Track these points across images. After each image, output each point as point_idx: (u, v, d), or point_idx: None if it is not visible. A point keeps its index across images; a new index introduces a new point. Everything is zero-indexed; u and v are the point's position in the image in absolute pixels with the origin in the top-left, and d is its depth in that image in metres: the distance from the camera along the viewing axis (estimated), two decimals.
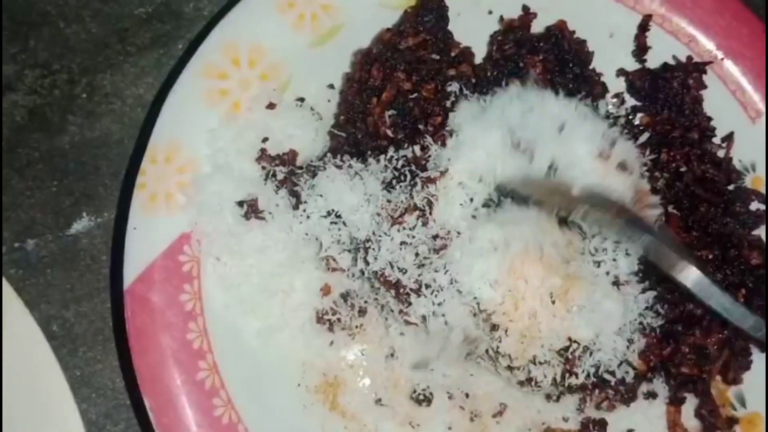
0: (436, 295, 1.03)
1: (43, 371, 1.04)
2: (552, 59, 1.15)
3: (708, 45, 1.22)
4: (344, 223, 1.09)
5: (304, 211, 1.10)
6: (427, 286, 1.03)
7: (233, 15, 1.13)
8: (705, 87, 1.21)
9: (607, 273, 1.04)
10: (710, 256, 1.11)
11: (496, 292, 1.01)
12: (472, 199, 1.06)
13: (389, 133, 1.10)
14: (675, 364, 1.09)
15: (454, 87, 1.12)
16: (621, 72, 1.25)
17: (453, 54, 1.16)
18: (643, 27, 1.23)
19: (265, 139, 1.14)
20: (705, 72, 1.20)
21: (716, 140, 1.21)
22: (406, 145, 1.09)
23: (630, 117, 1.23)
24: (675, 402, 1.11)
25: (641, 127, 1.20)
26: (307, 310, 1.13)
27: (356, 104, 1.12)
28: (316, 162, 1.12)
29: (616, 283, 1.04)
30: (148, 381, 1.03)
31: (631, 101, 1.25)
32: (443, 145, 1.07)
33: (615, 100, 1.24)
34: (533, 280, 1.01)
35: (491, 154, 1.06)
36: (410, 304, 1.04)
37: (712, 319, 1.08)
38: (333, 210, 1.09)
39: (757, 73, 1.21)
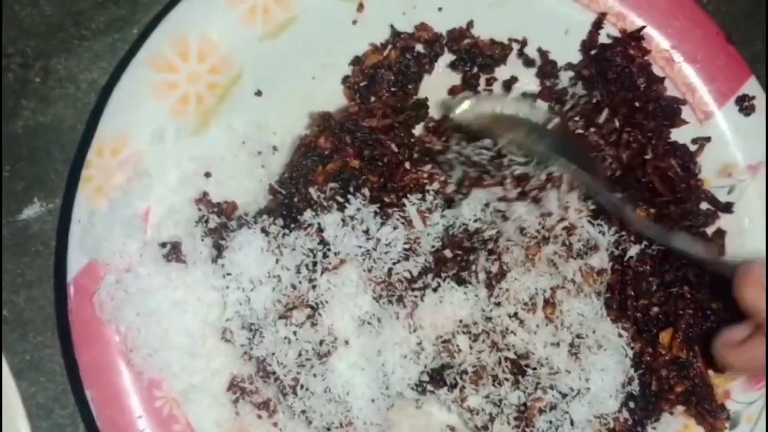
0: (309, 398, 1.01)
1: None
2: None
3: (663, 44, 1.22)
4: (248, 297, 1.05)
5: (222, 266, 1.05)
6: (302, 387, 1.01)
7: (182, 7, 1.12)
8: (648, 52, 1.21)
9: None
10: None
11: (379, 410, 1.02)
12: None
13: (324, 203, 1.06)
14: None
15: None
16: (569, 66, 1.25)
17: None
18: (597, 24, 1.23)
19: (207, 174, 1.11)
20: (643, 38, 1.21)
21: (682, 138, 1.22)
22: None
23: (586, 95, 1.22)
24: None
25: (602, 104, 1.20)
26: (225, 375, 1.07)
27: (303, 166, 1.09)
28: (250, 218, 1.08)
29: None
30: (91, 372, 1.04)
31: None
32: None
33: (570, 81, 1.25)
34: None
35: None
36: (285, 396, 1.03)
37: None
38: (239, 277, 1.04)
39: (709, 75, 1.22)
